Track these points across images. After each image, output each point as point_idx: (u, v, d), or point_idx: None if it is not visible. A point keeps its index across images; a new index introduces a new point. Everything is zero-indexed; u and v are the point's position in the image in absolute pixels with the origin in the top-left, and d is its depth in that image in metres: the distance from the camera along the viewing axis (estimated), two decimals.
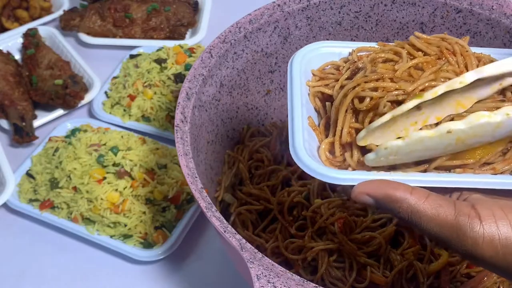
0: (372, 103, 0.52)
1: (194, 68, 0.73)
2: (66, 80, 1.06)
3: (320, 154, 0.54)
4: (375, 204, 0.48)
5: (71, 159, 0.91)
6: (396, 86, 0.52)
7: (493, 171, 0.52)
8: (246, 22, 0.78)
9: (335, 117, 0.55)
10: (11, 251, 0.90)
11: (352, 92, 0.53)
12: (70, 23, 1.20)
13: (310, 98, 0.59)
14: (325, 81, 0.59)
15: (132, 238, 0.87)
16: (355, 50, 0.61)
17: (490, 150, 0.52)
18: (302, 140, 0.52)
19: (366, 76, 0.53)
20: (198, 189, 0.60)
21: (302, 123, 0.54)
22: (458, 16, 0.81)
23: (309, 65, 0.61)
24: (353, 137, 0.53)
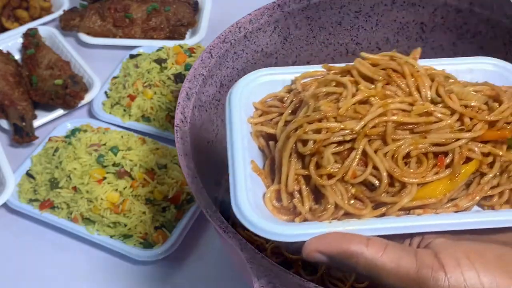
0: (316, 147, 0.48)
1: (194, 68, 0.73)
2: (66, 80, 1.06)
3: (266, 203, 0.50)
4: (329, 261, 0.44)
5: (71, 159, 0.91)
6: (341, 126, 0.48)
7: (456, 208, 0.49)
8: (246, 22, 0.78)
9: (279, 161, 0.51)
10: (11, 251, 0.90)
11: (294, 135, 0.49)
12: (70, 23, 1.20)
13: (252, 136, 0.54)
14: (269, 116, 0.55)
15: (132, 238, 0.87)
16: (298, 79, 0.57)
17: (452, 186, 0.49)
18: (245, 191, 0.48)
19: (308, 116, 0.49)
20: (198, 189, 0.60)
21: (245, 170, 0.50)
22: (458, 16, 0.80)
23: (250, 97, 0.56)
24: (300, 184, 0.50)
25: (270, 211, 0.49)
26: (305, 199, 0.49)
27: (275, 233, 0.46)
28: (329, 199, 0.48)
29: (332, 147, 0.48)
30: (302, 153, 0.49)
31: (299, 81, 0.57)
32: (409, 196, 0.47)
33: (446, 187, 0.48)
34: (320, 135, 0.48)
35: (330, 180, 0.48)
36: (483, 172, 0.50)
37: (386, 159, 0.48)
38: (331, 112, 0.49)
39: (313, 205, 0.50)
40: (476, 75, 0.59)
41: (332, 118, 0.49)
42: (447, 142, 0.49)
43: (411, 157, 0.49)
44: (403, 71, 0.52)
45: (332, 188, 0.48)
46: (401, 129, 0.49)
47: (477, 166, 0.49)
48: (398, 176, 0.48)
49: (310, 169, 0.49)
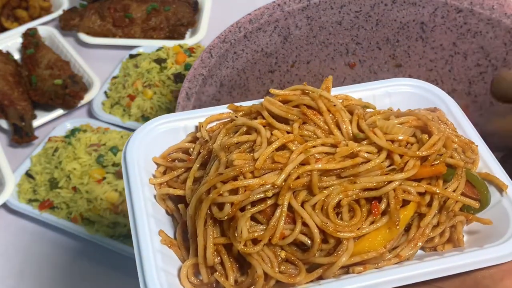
0: (235, 210, 0.41)
1: (194, 68, 0.73)
2: (65, 80, 1.06)
3: (182, 282, 0.43)
4: None
5: (70, 159, 0.91)
6: (261, 181, 0.42)
7: (399, 259, 0.45)
8: (246, 22, 0.78)
9: (192, 229, 0.44)
10: (11, 251, 0.90)
11: (207, 199, 0.42)
12: (69, 23, 1.20)
13: (158, 200, 0.47)
14: (174, 173, 0.49)
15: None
16: (203, 124, 0.50)
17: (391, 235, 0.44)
18: (155, 271, 0.42)
19: (220, 174, 0.43)
20: None
21: (152, 245, 0.43)
22: (458, 15, 0.80)
23: (149, 152, 0.49)
24: (221, 254, 0.43)
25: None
26: (229, 271, 0.43)
27: None
28: (257, 269, 0.42)
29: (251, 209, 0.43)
30: (219, 218, 0.43)
31: (204, 127, 0.50)
32: (347, 253, 0.43)
33: (385, 237, 0.44)
34: (237, 196, 0.42)
35: (256, 246, 0.42)
36: (422, 213, 0.46)
37: (315, 212, 0.43)
38: (247, 167, 0.43)
39: (239, 276, 0.44)
40: (394, 98, 0.55)
41: (249, 174, 0.43)
42: (379, 185, 0.44)
43: (342, 206, 0.44)
44: (319, 107, 0.47)
45: (259, 254, 0.42)
46: (327, 175, 0.44)
47: (415, 208, 0.46)
48: (331, 232, 0.42)
49: (231, 236, 0.42)
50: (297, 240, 0.43)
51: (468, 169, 0.48)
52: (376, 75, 0.90)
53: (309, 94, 0.49)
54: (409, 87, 0.56)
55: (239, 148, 0.46)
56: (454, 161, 0.47)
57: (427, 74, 0.88)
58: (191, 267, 0.44)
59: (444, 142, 0.47)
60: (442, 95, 0.55)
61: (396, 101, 0.54)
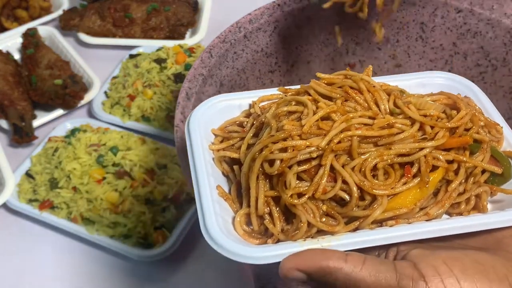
0: (283, 166, 0.48)
1: (194, 68, 0.73)
2: (65, 80, 1.06)
3: (236, 228, 0.49)
4: (308, 279, 0.43)
5: (70, 159, 0.91)
6: (306, 143, 0.48)
7: (427, 216, 0.49)
8: (246, 22, 0.78)
9: (246, 184, 0.50)
10: (11, 251, 0.90)
11: (260, 156, 0.49)
12: (69, 23, 1.20)
13: (215, 163, 0.54)
14: (230, 141, 0.55)
15: (132, 238, 0.87)
16: (257, 102, 0.58)
17: (422, 194, 0.49)
18: (214, 216, 0.47)
19: (272, 136, 0.49)
20: None
21: (211, 196, 0.49)
22: (458, 16, 0.80)
23: (209, 125, 0.56)
24: (270, 205, 0.49)
25: (240, 236, 0.48)
26: (276, 220, 0.49)
27: (249, 256, 0.45)
28: (301, 217, 0.47)
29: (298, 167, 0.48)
30: (269, 173, 0.48)
31: (257, 104, 0.57)
32: (381, 208, 0.48)
33: (416, 196, 0.49)
34: (286, 153, 0.48)
35: (300, 199, 0.47)
36: (449, 180, 0.51)
37: (354, 173, 0.48)
38: (295, 131, 0.49)
39: (285, 225, 0.49)
40: (428, 89, 0.60)
41: (297, 136, 0.49)
42: (412, 152, 0.49)
43: (378, 169, 0.49)
44: (360, 87, 0.53)
45: (303, 206, 0.48)
46: (365, 143, 0.50)
47: (443, 173, 0.50)
48: (368, 189, 0.48)
49: (280, 189, 0.48)
50: (336, 196, 0.48)
51: (493, 145, 0.53)
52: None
53: (351, 77, 0.55)
54: (442, 79, 0.62)
55: (289, 117, 0.52)
56: (480, 136, 0.52)
57: None
58: (244, 216, 0.50)
59: (471, 117, 0.52)
60: (472, 86, 0.60)
61: (429, 91, 0.59)
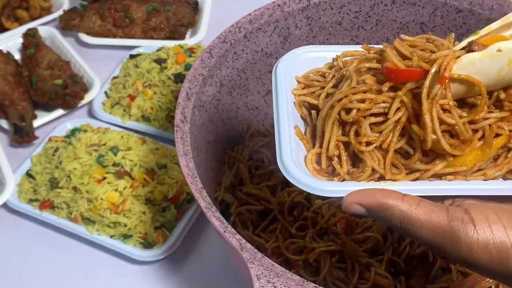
0: (359, 115, 0.51)
1: (194, 68, 0.73)
2: (66, 80, 1.06)
3: (307, 164, 0.53)
4: (367, 213, 0.48)
5: (71, 159, 0.91)
6: (383, 98, 0.51)
7: (484, 177, 0.52)
8: (246, 22, 0.78)
9: (321, 128, 0.54)
10: (11, 251, 0.90)
11: (339, 104, 0.52)
12: (70, 23, 1.20)
13: (296, 106, 0.58)
14: (311, 89, 0.59)
15: (132, 238, 0.87)
16: (340, 56, 0.60)
17: (483, 156, 0.51)
18: (290, 151, 0.52)
19: (353, 88, 0.52)
20: (198, 189, 0.60)
21: (289, 133, 0.54)
22: (458, 16, 0.80)
23: (294, 72, 0.60)
24: (340, 149, 0.53)
25: (310, 171, 0.52)
26: (344, 162, 0.52)
27: (317, 188, 0.49)
28: (367, 162, 0.51)
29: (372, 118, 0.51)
30: (345, 120, 0.52)
31: (340, 58, 0.60)
32: (443, 163, 0.51)
33: (476, 157, 0.51)
34: (364, 104, 0.51)
35: (368, 147, 0.51)
36: (510, 147, 0.53)
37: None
38: (375, 86, 0.52)
39: (351, 168, 0.53)
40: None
41: (375, 91, 0.52)
42: (478, 120, 0.51)
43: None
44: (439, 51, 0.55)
45: (370, 154, 0.51)
46: None
47: (506, 140, 0.52)
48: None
49: (350, 136, 0.52)
50: (402, 149, 0.51)
51: None
52: None
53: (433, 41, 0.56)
54: None
55: (371, 72, 0.54)
56: None
57: None
58: (315, 155, 0.54)
59: None
60: None
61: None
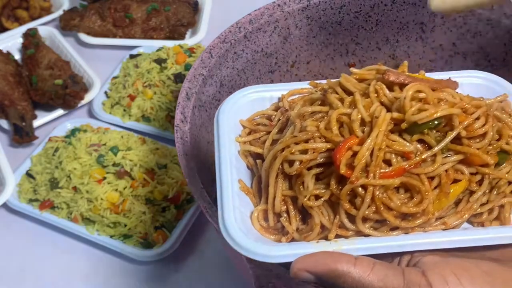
0: (302, 167, 0.48)
1: (194, 68, 0.73)
2: (66, 80, 1.06)
3: (253, 222, 0.50)
4: (317, 281, 0.44)
5: (71, 159, 0.91)
6: (327, 146, 0.48)
7: (445, 226, 0.49)
8: (246, 22, 0.78)
9: (266, 180, 0.51)
10: (11, 251, 0.90)
11: (281, 155, 0.49)
12: (70, 23, 1.20)
13: (240, 155, 0.55)
14: (256, 134, 0.56)
15: (132, 238, 0.87)
16: (286, 96, 0.58)
17: (440, 205, 0.48)
18: (232, 210, 0.48)
19: (294, 136, 0.49)
20: (198, 189, 0.60)
21: (232, 189, 0.50)
22: (458, 16, 0.80)
23: (238, 115, 0.57)
24: (288, 204, 0.50)
25: (257, 230, 0.49)
26: (292, 219, 0.49)
27: (260, 254, 0.46)
28: (315, 219, 0.48)
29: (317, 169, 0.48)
30: (288, 173, 0.49)
31: (286, 98, 0.58)
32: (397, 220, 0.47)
33: (434, 207, 0.48)
34: (306, 155, 0.48)
35: (316, 201, 0.48)
36: (472, 190, 0.50)
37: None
38: (318, 132, 0.49)
39: (300, 225, 0.49)
40: (465, 88, 0.58)
41: (319, 139, 0.49)
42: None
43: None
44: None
45: (319, 208, 0.48)
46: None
47: (466, 185, 0.49)
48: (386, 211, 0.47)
49: (296, 190, 0.49)
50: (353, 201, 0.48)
51: None
52: None
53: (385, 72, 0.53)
54: (479, 79, 0.60)
55: (313, 117, 0.52)
56: (509, 147, 0.50)
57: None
58: (262, 212, 0.50)
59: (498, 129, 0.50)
60: (509, 87, 0.59)
61: (466, 90, 0.58)
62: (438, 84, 0.52)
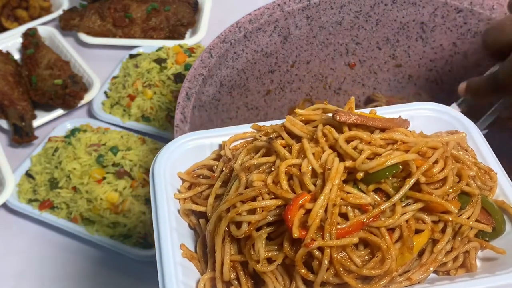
0: (251, 229, 0.43)
1: (194, 68, 0.73)
2: (65, 80, 1.06)
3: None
4: None
5: (70, 159, 0.91)
6: (277, 203, 0.44)
7: (410, 282, 0.45)
8: (246, 22, 0.78)
9: (211, 244, 0.46)
10: (11, 251, 0.90)
11: (226, 217, 0.44)
12: (69, 23, 1.20)
13: (181, 214, 0.49)
14: (198, 189, 0.51)
15: (132, 238, 0.87)
16: (227, 143, 0.53)
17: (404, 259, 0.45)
18: (175, 283, 0.43)
19: (240, 194, 0.45)
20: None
21: (174, 258, 0.45)
22: (458, 15, 0.80)
23: (175, 167, 0.51)
24: (237, 270, 0.45)
25: None
26: (244, 286, 0.45)
27: None
28: (269, 286, 0.44)
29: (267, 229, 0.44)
30: (236, 236, 0.44)
31: (228, 146, 0.52)
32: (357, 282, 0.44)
33: (398, 262, 0.44)
34: (254, 216, 0.43)
35: (269, 266, 0.44)
36: (436, 239, 0.47)
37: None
38: (266, 188, 0.45)
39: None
40: (416, 122, 0.56)
41: (267, 195, 0.45)
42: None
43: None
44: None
45: (273, 273, 0.44)
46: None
47: (429, 235, 0.46)
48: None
49: (247, 255, 0.44)
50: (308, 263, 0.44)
51: (484, 197, 0.49)
52: (376, 75, 0.90)
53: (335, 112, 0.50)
54: (431, 111, 0.57)
55: (259, 169, 0.47)
56: (470, 189, 0.48)
57: (427, 74, 0.88)
58: (209, 281, 0.46)
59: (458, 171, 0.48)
60: (463, 120, 0.56)
61: (418, 124, 0.55)
62: (390, 122, 0.50)
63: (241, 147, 0.52)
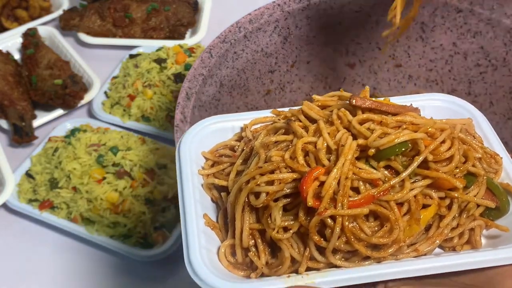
0: (269, 199, 0.47)
1: (194, 68, 0.73)
2: (65, 80, 1.06)
3: (220, 259, 0.48)
4: None
5: (70, 159, 0.91)
6: (294, 176, 0.47)
7: (416, 253, 0.48)
8: (246, 22, 0.78)
9: (232, 214, 0.50)
10: (11, 251, 0.90)
11: (246, 188, 0.48)
12: (69, 22, 1.20)
13: (204, 188, 0.53)
14: (220, 166, 0.54)
15: (132, 238, 0.87)
16: (248, 125, 0.57)
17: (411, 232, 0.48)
18: (198, 248, 0.47)
19: (259, 168, 0.48)
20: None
21: (197, 226, 0.48)
22: (458, 15, 0.80)
23: (200, 147, 0.55)
24: (255, 237, 0.48)
25: (225, 267, 0.48)
26: (261, 253, 0.48)
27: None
28: (285, 252, 0.47)
29: (284, 200, 0.47)
30: (255, 206, 0.48)
31: (248, 128, 0.57)
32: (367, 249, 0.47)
33: (405, 233, 0.47)
34: (272, 186, 0.47)
35: (285, 234, 0.47)
36: (442, 215, 0.49)
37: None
38: (283, 162, 0.48)
39: (270, 259, 0.49)
40: (428, 111, 0.59)
41: (285, 169, 0.48)
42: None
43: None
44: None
45: (289, 241, 0.47)
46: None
47: (436, 210, 0.49)
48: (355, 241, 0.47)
49: (264, 223, 0.48)
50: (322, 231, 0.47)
51: (489, 178, 0.52)
52: (376, 75, 0.90)
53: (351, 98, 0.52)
54: (441, 102, 0.60)
55: (277, 146, 0.51)
56: (476, 169, 0.51)
57: (427, 74, 0.88)
58: (229, 247, 0.49)
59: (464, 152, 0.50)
60: (472, 110, 0.59)
61: (429, 113, 0.58)
62: (402, 109, 0.53)
63: (260, 130, 0.56)
